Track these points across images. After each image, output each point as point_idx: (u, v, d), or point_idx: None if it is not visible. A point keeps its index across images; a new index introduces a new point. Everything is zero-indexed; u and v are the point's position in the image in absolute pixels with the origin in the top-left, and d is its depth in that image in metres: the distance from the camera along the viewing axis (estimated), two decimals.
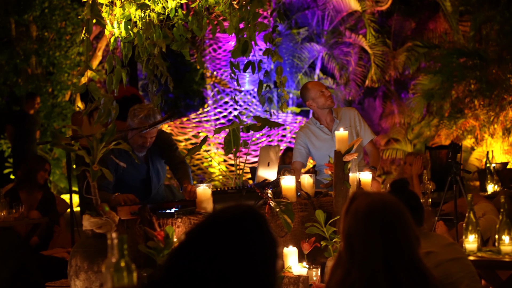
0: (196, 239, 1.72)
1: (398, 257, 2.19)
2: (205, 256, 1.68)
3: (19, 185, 6.74)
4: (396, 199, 2.30)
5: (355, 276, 2.18)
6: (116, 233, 2.13)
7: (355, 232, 2.22)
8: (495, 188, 6.74)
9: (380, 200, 2.26)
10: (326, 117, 5.41)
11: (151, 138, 4.61)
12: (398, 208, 2.26)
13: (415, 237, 2.25)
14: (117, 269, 2.12)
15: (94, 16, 3.67)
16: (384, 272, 2.16)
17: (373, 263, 2.17)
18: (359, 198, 2.29)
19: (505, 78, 11.63)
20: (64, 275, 3.66)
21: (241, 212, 1.75)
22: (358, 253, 2.20)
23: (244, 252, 1.70)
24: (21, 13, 12.38)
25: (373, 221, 2.21)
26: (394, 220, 2.22)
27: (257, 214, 1.76)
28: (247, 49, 4.13)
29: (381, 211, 2.23)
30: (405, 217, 2.25)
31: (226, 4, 4.10)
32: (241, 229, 1.72)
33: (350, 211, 2.27)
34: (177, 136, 12.42)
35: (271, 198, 3.89)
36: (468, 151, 12.02)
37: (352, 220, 2.25)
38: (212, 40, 13.07)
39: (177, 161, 4.78)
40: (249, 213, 1.75)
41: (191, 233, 1.74)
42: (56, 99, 13.02)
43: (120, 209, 3.59)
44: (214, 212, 1.77)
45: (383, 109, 15.37)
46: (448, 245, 3.15)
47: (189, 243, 1.72)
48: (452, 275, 3.00)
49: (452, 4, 13.66)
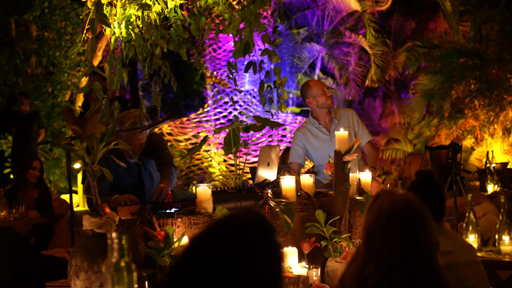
0: (201, 248, 1.71)
1: (415, 257, 2.21)
2: (210, 265, 1.67)
3: (14, 185, 6.74)
4: (420, 200, 2.32)
5: (371, 270, 2.21)
6: (116, 233, 2.13)
7: (376, 229, 2.25)
8: (495, 188, 6.74)
9: (404, 200, 2.29)
10: (325, 117, 5.41)
11: (140, 145, 4.60)
12: (421, 210, 2.28)
13: (434, 241, 2.27)
14: (117, 269, 2.12)
15: (99, 17, 3.67)
16: (400, 270, 2.19)
17: (390, 260, 2.20)
18: (384, 196, 2.31)
19: (505, 78, 11.63)
20: (64, 275, 3.66)
21: (247, 221, 1.74)
22: (376, 249, 2.23)
23: (249, 261, 1.69)
24: (21, 13, 12.39)
25: (395, 218, 2.24)
26: (415, 220, 2.24)
27: (263, 222, 1.75)
28: (248, 49, 4.13)
29: (404, 210, 2.25)
30: (427, 219, 2.27)
31: (226, 4, 4.10)
32: (247, 238, 1.71)
33: (373, 208, 2.30)
34: (177, 136, 12.42)
35: (271, 198, 3.89)
36: (468, 151, 12.02)
37: (374, 217, 2.27)
38: (212, 40, 13.07)
39: (162, 162, 4.76)
40: (255, 221, 1.74)
41: (196, 241, 1.73)
42: (56, 99, 13.03)
43: (120, 209, 3.59)
44: (220, 220, 1.76)
45: (383, 109, 15.36)
46: (465, 247, 3.12)
47: (194, 252, 1.71)
48: (465, 280, 2.97)
49: (452, 4, 13.66)
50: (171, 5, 4.00)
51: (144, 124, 4.52)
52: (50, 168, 12.66)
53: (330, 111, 5.41)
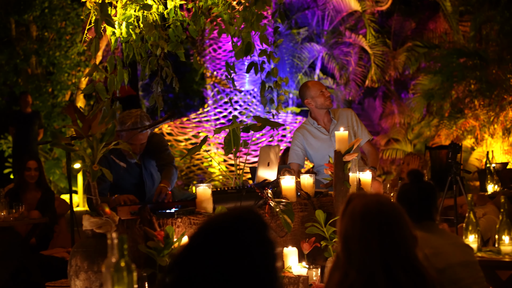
0: (197, 245, 1.74)
1: (395, 258, 2.18)
2: (206, 263, 1.70)
3: (16, 185, 6.75)
4: (390, 199, 2.30)
5: (353, 278, 2.18)
6: (116, 233, 2.13)
7: (352, 234, 2.22)
8: (495, 188, 6.74)
9: (376, 201, 2.26)
10: (324, 118, 5.41)
11: (141, 145, 4.60)
12: (394, 208, 2.26)
13: (412, 236, 2.24)
14: (117, 269, 2.12)
15: (103, 17, 3.66)
16: (382, 274, 2.16)
17: (370, 265, 2.17)
18: (355, 199, 2.29)
19: (505, 78, 11.63)
20: (64, 275, 3.66)
21: (239, 217, 1.77)
22: (355, 255, 2.20)
23: (244, 256, 1.71)
24: (21, 13, 12.39)
25: (370, 222, 2.21)
26: (390, 221, 2.22)
27: (256, 217, 1.78)
28: (250, 50, 4.12)
29: (377, 212, 2.23)
30: (402, 217, 2.25)
31: (225, 5, 4.09)
32: (240, 234, 1.74)
33: (346, 213, 2.27)
34: (177, 136, 12.42)
35: (271, 198, 3.89)
36: (468, 151, 12.02)
37: (349, 222, 2.25)
38: (212, 40, 13.08)
39: (162, 162, 4.76)
40: (248, 217, 1.77)
41: (192, 239, 1.77)
42: (56, 99, 13.02)
43: (120, 209, 3.59)
44: (214, 217, 1.79)
45: (383, 109, 15.36)
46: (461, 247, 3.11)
47: (191, 249, 1.75)
48: (460, 280, 2.96)
49: (452, 4, 13.66)
50: (170, 5, 3.99)
51: (145, 124, 4.52)
52: (50, 168, 12.67)
53: (329, 111, 5.41)
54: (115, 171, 4.26)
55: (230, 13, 4.13)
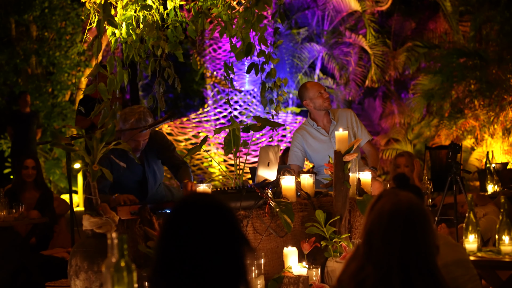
0: (168, 231, 1.93)
1: (415, 261, 2.18)
2: (180, 247, 1.87)
3: (14, 185, 6.74)
4: (422, 202, 2.30)
5: (368, 272, 2.19)
6: (116, 233, 2.13)
7: (377, 230, 2.22)
8: (495, 188, 6.74)
9: (406, 201, 2.25)
10: (323, 119, 5.40)
11: (143, 141, 4.60)
12: (423, 212, 2.26)
13: (435, 245, 2.25)
14: (117, 269, 2.12)
15: (106, 17, 3.66)
16: (399, 274, 2.16)
17: (389, 262, 2.17)
18: (386, 196, 2.29)
19: (505, 78, 11.63)
20: (64, 275, 3.66)
21: (202, 203, 1.94)
22: (375, 251, 2.20)
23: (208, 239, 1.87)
24: (21, 13, 12.39)
25: (397, 220, 2.21)
26: (417, 223, 2.22)
27: (217, 204, 1.94)
28: (251, 50, 4.12)
29: (406, 211, 2.23)
30: (429, 222, 2.25)
31: (225, 6, 4.09)
32: (203, 219, 1.91)
33: (375, 208, 2.28)
34: (177, 136, 12.42)
35: (271, 198, 3.89)
36: (468, 151, 12.03)
37: (375, 218, 2.25)
38: (212, 40, 13.08)
39: (177, 162, 4.77)
40: (209, 203, 1.94)
41: (164, 226, 1.95)
42: (56, 99, 13.03)
43: (120, 209, 3.59)
44: (179, 205, 1.96)
45: (383, 109, 15.37)
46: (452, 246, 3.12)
47: (164, 235, 1.93)
48: (456, 278, 2.96)
49: (452, 4, 13.66)
50: (170, 6, 3.99)
51: (148, 120, 4.53)
52: (50, 168, 12.67)
53: (328, 112, 5.40)
54: (117, 169, 4.26)
55: (229, 14, 4.13)
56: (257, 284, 3.50)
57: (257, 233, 3.86)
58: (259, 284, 3.51)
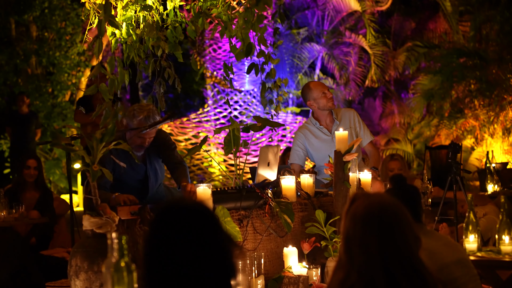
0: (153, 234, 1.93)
1: (396, 261, 2.14)
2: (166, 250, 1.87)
3: (14, 185, 6.74)
4: (394, 200, 2.24)
5: (354, 280, 2.15)
6: (116, 233, 2.13)
7: (353, 236, 2.18)
8: (495, 188, 6.74)
9: (378, 203, 2.21)
10: (326, 118, 5.40)
11: (149, 139, 4.60)
12: (396, 209, 2.21)
13: (414, 238, 2.20)
14: (117, 269, 2.12)
15: (107, 18, 3.66)
16: (382, 278, 2.13)
17: (371, 268, 2.14)
18: (358, 200, 2.25)
19: (505, 78, 11.63)
20: (64, 275, 3.66)
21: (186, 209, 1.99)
22: (356, 257, 2.16)
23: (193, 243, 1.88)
24: (21, 13, 12.39)
25: (370, 224, 2.17)
26: (392, 223, 2.18)
27: (202, 209, 2.00)
28: (251, 50, 4.12)
29: (378, 214, 2.18)
30: (404, 218, 2.20)
31: (225, 6, 4.09)
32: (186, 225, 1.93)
33: (349, 213, 2.23)
34: (177, 136, 12.42)
35: (271, 198, 3.89)
36: (468, 151, 12.03)
37: (350, 224, 2.21)
38: (212, 40, 13.08)
39: (175, 161, 4.76)
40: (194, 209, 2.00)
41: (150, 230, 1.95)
42: (56, 99, 13.03)
43: (120, 209, 3.59)
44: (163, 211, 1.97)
45: (383, 109, 15.37)
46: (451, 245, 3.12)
47: (151, 237, 1.93)
48: (456, 279, 2.96)
49: (452, 4, 13.67)
50: (170, 6, 3.99)
51: (156, 119, 4.53)
52: (50, 168, 12.66)
53: (331, 112, 5.40)
54: (119, 167, 4.25)
55: (229, 14, 4.13)
56: (257, 284, 3.50)
57: (257, 233, 3.86)
58: (259, 284, 3.51)
